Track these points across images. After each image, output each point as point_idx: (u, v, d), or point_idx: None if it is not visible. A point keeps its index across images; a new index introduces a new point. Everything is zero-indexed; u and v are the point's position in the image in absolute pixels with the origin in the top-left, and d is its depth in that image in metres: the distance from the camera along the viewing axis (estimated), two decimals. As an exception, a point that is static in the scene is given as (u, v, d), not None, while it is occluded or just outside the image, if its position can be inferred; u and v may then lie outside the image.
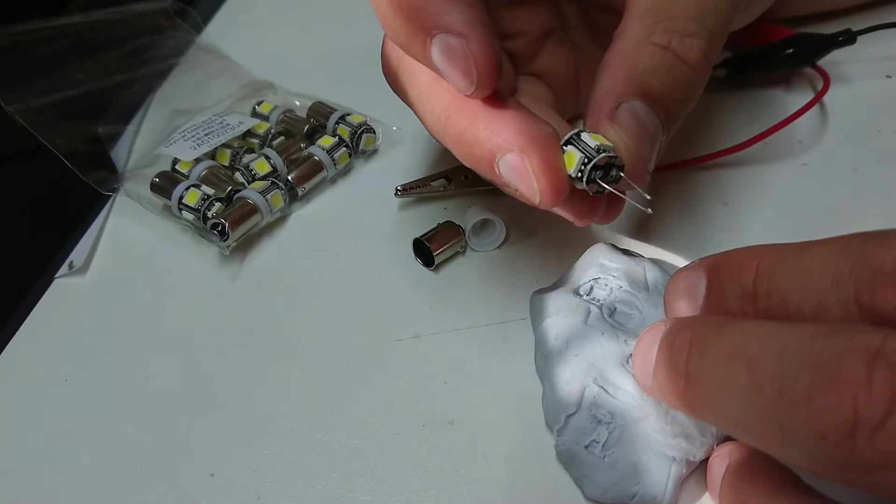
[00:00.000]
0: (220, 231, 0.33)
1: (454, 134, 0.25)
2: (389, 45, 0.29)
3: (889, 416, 0.15)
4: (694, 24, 0.24)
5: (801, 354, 0.16)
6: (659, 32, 0.24)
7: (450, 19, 0.22)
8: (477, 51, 0.22)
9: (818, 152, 0.35)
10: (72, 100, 0.40)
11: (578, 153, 0.23)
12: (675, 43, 0.24)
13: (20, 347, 0.32)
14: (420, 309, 0.31)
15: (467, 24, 0.22)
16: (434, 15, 0.22)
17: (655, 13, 0.24)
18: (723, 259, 0.21)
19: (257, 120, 0.39)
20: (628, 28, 0.25)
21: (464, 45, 0.22)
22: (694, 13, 0.24)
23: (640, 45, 0.24)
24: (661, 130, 0.24)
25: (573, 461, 0.24)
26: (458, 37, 0.22)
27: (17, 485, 0.27)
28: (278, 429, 0.28)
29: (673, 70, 0.24)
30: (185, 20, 0.46)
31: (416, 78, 0.27)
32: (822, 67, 0.36)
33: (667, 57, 0.24)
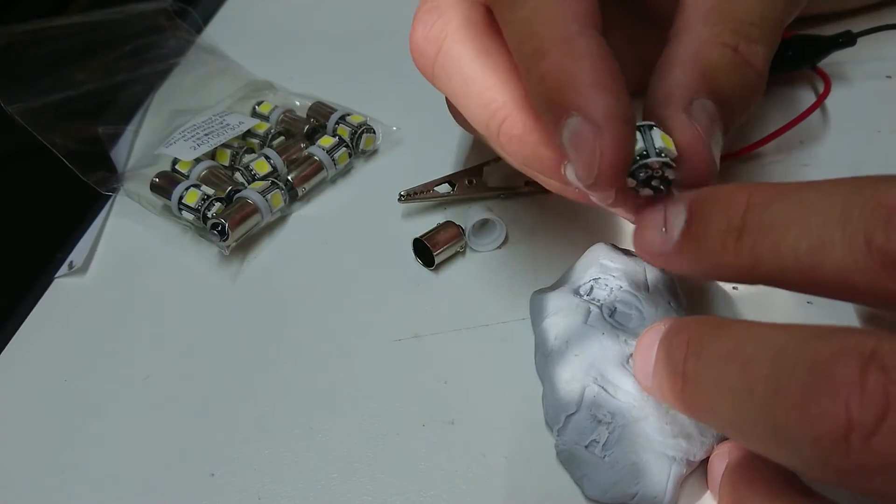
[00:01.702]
0: (220, 231, 0.33)
1: (516, 132, 0.24)
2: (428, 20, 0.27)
3: (884, 419, 0.14)
4: (757, 30, 0.24)
5: (796, 356, 0.16)
6: (727, 33, 0.24)
7: (592, 105, 0.21)
8: (608, 147, 0.21)
9: (819, 152, 0.35)
10: (72, 100, 0.40)
11: (640, 143, 0.22)
12: (743, 46, 0.24)
13: (20, 347, 0.32)
14: (420, 309, 0.31)
15: (606, 114, 0.21)
16: (578, 95, 0.21)
17: (720, 14, 0.24)
18: (710, 192, 0.20)
19: (257, 120, 0.39)
20: (692, 26, 0.24)
21: (595, 138, 0.21)
22: (757, 19, 0.24)
23: (709, 43, 0.24)
24: (723, 132, 0.24)
25: (573, 461, 0.24)
26: (593, 126, 0.21)
27: (17, 485, 0.27)
28: (278, 429, 0.28)
29: (742, 72, 0.24)
30: (185, 20, 0.46)
31: (463, 69, 0.25)
32: (823, 69, 0.36)
33: (736, 58, 0.24)
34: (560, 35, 0.22)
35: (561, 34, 0.22)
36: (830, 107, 0.36)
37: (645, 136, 0.22)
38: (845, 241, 0.17)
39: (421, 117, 0.39)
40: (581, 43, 0.22)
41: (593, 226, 0.33)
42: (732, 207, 0.19)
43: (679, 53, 0.24)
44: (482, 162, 0.35)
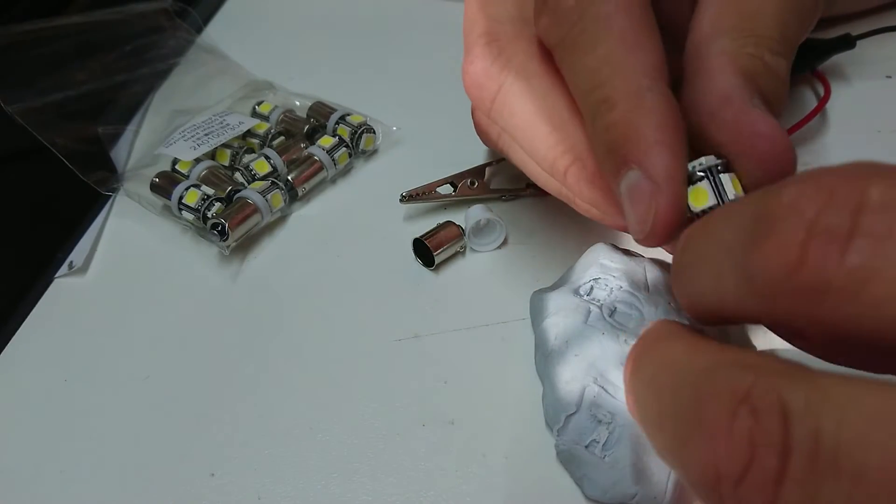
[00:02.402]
0: (220, 231, 0.33)
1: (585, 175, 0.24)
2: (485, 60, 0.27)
3: (748, 469, 0.13)
4: (778, 45, 0.24)
5: (688, 393, 0.15)
6: (752, 46, 0.23)
7: (653, 161, 0.21)
8: (664, 206, 0.21)
9: (819, 153, 0.35)
10: (72, 100, 0.40)
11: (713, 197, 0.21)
12: (768, 57, 0.23)
13: (20, 347, 0.32)
14: (420, 309, 0.31)
15: (667, 174, 0.21)
16: (641, 150, 0.21)
17: (741, 31, 0.24)
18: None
19: (257, 120, 0.39)
20: (716, 39, 0.24)
21: (653, 194, 0.21)
22: (776, 35, 0.24)
23: (738, 54, 0.23)
24: None
25: (573, 461, 0.24)
26: (652, 184, 0.21)
27: (17, 485, 0.27)
28: (278, 429, 0.28)
29: (773, 78, 0.23)
30: (185, 20, 0.46)
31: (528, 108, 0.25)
32: (823, 73, 0.36)
33: (767, 67, 0.23)
34: (631, 88, 0.22)
35: (631, 87, 0.22)
36: (830, 107, 0.36)
37: (714, 186, 0.21)
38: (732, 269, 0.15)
39: (421, 117, 0.39)
40: (650, 98, 0.22)
41: (593, 226, 0.32)
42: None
43: (713, 63, 0.23)
44: (484, 163, 0.35)
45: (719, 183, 0.21)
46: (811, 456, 0.13)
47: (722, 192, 0.21)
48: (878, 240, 0.12)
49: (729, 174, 0.22)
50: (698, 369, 0.15)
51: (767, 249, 0.14)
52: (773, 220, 0.14)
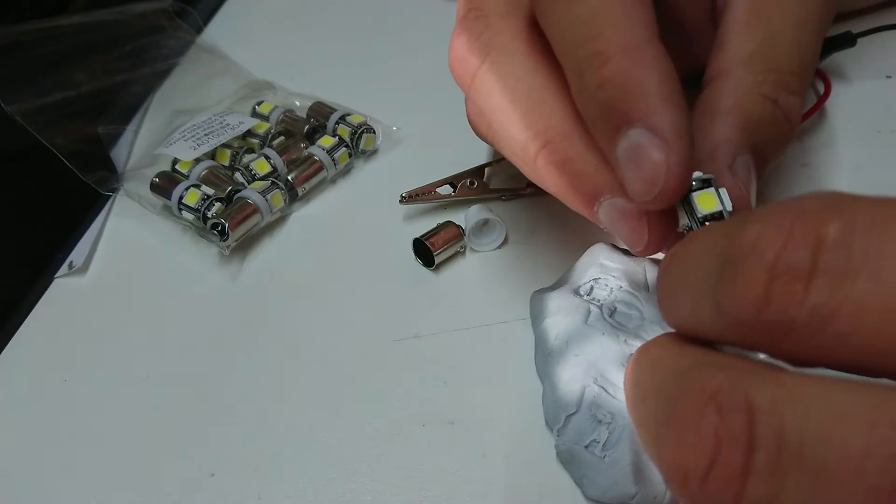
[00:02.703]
0: (220, 231, 0.33)
1: (553, 160, 0.23)
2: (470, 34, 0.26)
3: (713, 465, 0.13)
4: (797, 80, 0.24)
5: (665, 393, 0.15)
6: (769, 84, 0.23)
7: (661, 119, 0.20)
8: (675, 164, 0.20)
9: (819, 153, 0.34)
10: (72, 100, 0.40)
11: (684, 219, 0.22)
12: (783, 99, 0.23)
13: (20, 347, 0.32)
14: (420, 309, 0.31)
15: (676, 130, 0.20)
16: (647, 107, 0.20)
17: (763, 62, 0.24)
18: None
19: (257, 120, 0.39)
20: (734, 71, 0.24)
21: (664, 154, 0.20)
22: (797, 68, 0.24)
23: (750, 94, 0.23)
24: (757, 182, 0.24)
25: (573, 461, 0.24)
26: (661, 142, 0.20)
27: (17, 485, 0.27)
28: (278, 429, 0.28)
29: (779, 126, 0.24)
30: (185, 20, 0.46)
31: (508, 86, 0.24)
32: (823, 71, 0.36)
33: (776, 113, 0.23)
34: (626, 40, 0.21)
35: (628, 40, 0.21)
36: (830, 107, 0.36)
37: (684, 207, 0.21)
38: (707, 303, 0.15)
39: (421, 117, 0.39)
40: (650, 52, 0.21)
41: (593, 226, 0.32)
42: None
43: (721, 103, 0.23)
44: (484, 163, 0.35)
45: (722, 194, 0.21)
46: (775, 452, 0.13)
47: (724, 202, 0.21)
48: (836, 277, 0.13)
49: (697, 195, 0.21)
50: (677, 370, 0.16)
51: (735, 289, 0.14)
52: (738, 259, 0.14)
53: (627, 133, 0.20)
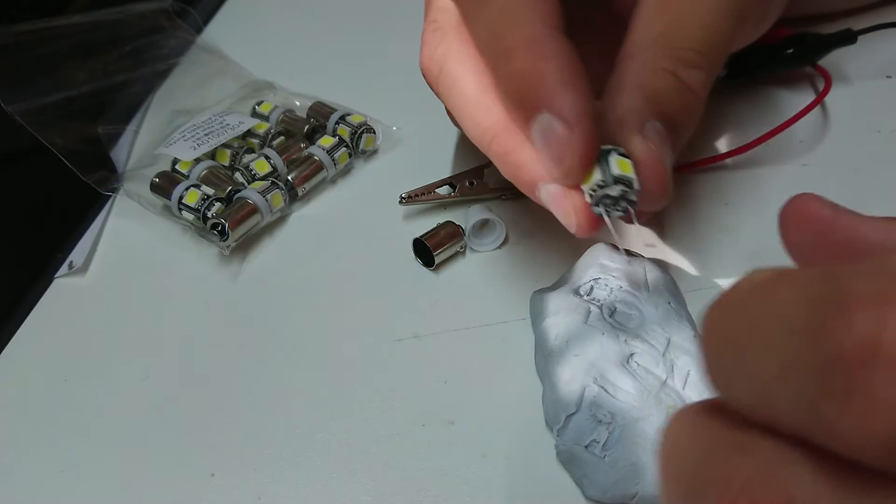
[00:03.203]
0: (220, 231, 0.33)
1: (499, 152, 0.26)
2: (431, 42, 0.29)
3: None
4: (698, 56, 0.25)
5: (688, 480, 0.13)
6: (667, 60, 0.25)
7: (561, 103, 0.22)
8: (578, 142, 0.22)
9: (819, 153, 0.35)
10: (72, 100, 0.40)
11: (598, 175, 0.23)
12: (682, 71, 0.25)
13: (20, 347, 0.32)
14: (420, 309, 0.31)
15: (576, 111, 0.22)
16: (548, 94, 0.23)
17: (664, 42, 0.25)
18: None
19: (257, 120, 0.39)
20: (638, 53, 0.26)
21: (567, 134, 0.22)
22: (699, 47, 0.26)
23: (651, 70, 0.25)
24: (672, 150, 0.25)
25: (573, 461, 0.24)
26: (564, 123, 0.22)
27: (17, 485, 0.27)
28: (278, 429, 0.28)
29: (682, 95, 0.25)
30: (185, 20, 0.46)
31: (461, 89, 0.27)
32: (823, 67, 0.36)
33: (677, 83, 0.25)
34: (528, 36, 0.23)
35: (528, 35, 0.23)
36: (830, 106, 0.36)
37: (602, 166, 0.23)
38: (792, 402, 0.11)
39: (421, 117, 0.39)
40: (548, 44, 0.23)
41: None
42: None
43: (625, 80, 0.25)
44: (483, 163, 0.35)
45: (606, 164, 0.23)
46: None
47: (607, 173, 0.23)
48: None
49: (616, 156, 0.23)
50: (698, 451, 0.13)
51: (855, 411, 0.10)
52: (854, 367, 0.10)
53: (538, 118, 0.23)
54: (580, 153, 0.22)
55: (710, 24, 0.26)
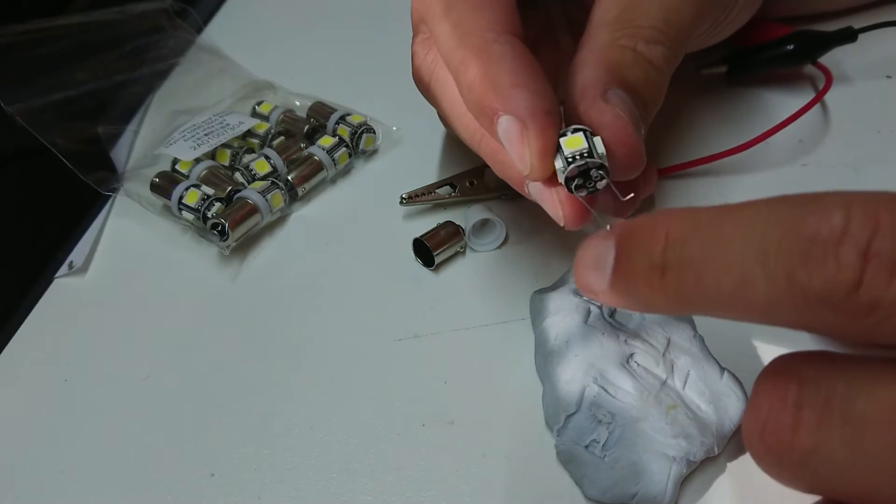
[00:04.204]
0: (220, 231, 0.33)
1: (488, 151, 0.27)
2: (420, 52, 0.30)
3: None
4: (658, 33, 0.26)
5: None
6: (626, 38, 0.26)
7: (514, 104, 0.23)
8: (534, 138, 0.23)
9: (819, 152, 0.34)
10: (72, 100, 0.40)
11: (559, 161, 0.24)
12: (641, 46, 0.26)
13: (20, 347, 0.32)
14: (420, 309, 0.31)
15: (529, 110, 0.23)
16: (500, 97, 0.23)
17: (621, 22, 0.26)
18: (631, 226, 0.19)
19: (257, 120, 0.39)
20: (597, 35, 0.26)
21: (521, 132, 0.23)
22: (657, 24, 0.26)
23: (610, 46, 0.26)
24: (641, 121, 0.25)
25: (573, 461, 0.24)
26: (518, 122, 0.23)
27: (17, 485, 0.27)
28: (278, 429, 0.28)
29: (643, 67, 0.26)
30: (185, 20, 0.46)
31: (450, 92, 0.28)
32: (823, 64, 0.36)
33: (637, 56, 0.26)
34: (477, 44, 0.24)
35: (478, 43, 0.24)
36: (830, 106, 0.36)
37: (592, 140, 0.23)
38: (767, 278, 0.16)
39: (421, 117, 0.39)
40: (497, 49, 0.24)
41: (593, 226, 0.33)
42: (653, 243, 0.18)
43: (584, 56, 0.26)
44: (483, 163, 0.35)
45: (596, 141, 0.23)
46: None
47: (595, 145, 0.23)
48: None
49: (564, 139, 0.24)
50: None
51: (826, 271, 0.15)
52: (829, 243, 0.15)
53: (499, 121, 0.24)
54: (537, 148, 0.23)
55: (668, 8, 0.27)
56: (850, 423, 0.15)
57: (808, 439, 0.15)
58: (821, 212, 0.16)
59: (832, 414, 0.15)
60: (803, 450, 0.16)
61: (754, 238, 0.16)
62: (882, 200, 0.15)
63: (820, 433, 0.15)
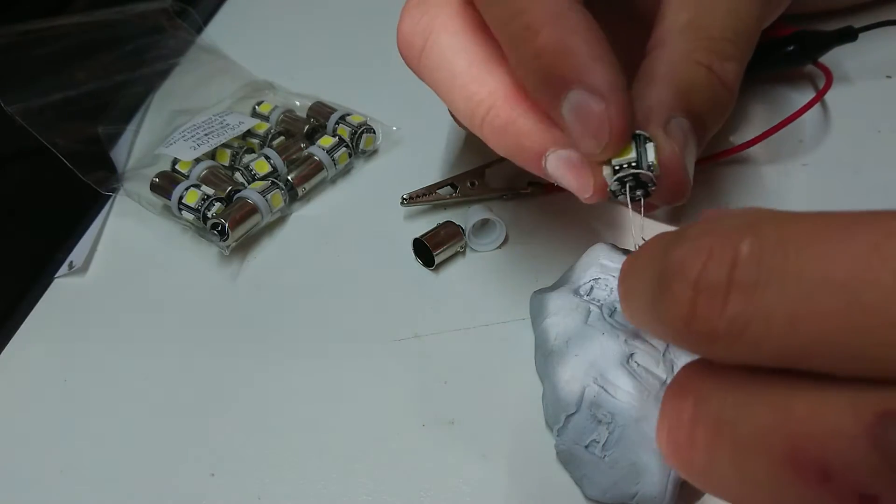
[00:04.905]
0: (220, 231, 0.33)
1: (498, 123, 0.25)
2: (416, 15, 0.27)
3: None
4: (731, 46, 0.25)
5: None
6: (701, 51, 0.25)
7: (594, 77, 0.21)
8: (616, 115, 0.21)
9: (819, 153, 0.34)
10: (72, 100, 0.40)
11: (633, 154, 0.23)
12: (717, 65, 0.25)
13: (20, 347, 0.32)
14: (420, 309, 0.31)
15: (612, 85, 0.21)
16: (579, 69, 0.22)
17: (695, 30, 0.25)
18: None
19: (257, 120, 0.39)
20: (669, 41, 0.25)
21: (604, 109, 0.21)
22: (731, 35, 0.25)
23: (684, 60, 0.25)
24: (697, 146, 0.25)
25: (573, 461, 0.24)
26: (599, 98, 0.21)
27: (17, 485, 0.27)
28: (278, 429, 0.28)
29: (714, 90, 0.25)
30: (185, 20, 0.46)
31: (450, 62, 0.26)
32: (824, 64, 0.36)
33: (710, 77, 0.25)
34: (551, 11, 0.22)
35: (552, 10, 0.22)
36: (830, 106, 0.36)
37: (639, 147, 0.23)
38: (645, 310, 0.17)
39: (421, 117, 0.39)
40: (574, 17, 0.22)
41: (593, 226, 0.33)
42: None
43: (656, 70, 0.25)
44: (484, 163, 0.35)
45: (643, 147, 0.22)
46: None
47: (643, 155, 0.22)
48: (747, 290, 0.14)
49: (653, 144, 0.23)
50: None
51: (666, 303, 0.16)
52: (669, 277, 0.15)
53: (568, 95, 0.22)
54: (618, 127, 0.22)
55: (737, 10, 0.25)
56: (735, 446, 0.15)
57: (701, 458, 0.16)
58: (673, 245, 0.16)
59: (722, 435, 0.15)
60: (700, 467, 0.16)
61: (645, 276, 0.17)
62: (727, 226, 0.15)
63: (712, 452, 0.15)
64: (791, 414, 0.14)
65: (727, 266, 0.14)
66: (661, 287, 0.16)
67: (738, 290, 0.14)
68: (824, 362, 0.14)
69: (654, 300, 0.16)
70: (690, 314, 0.15)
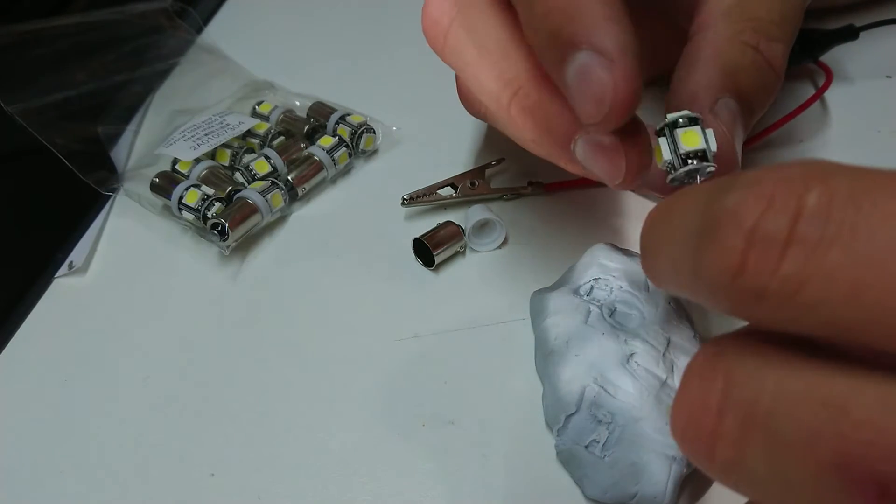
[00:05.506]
0: (220, 231, 0.33)
1: (528, 103, 0.24)
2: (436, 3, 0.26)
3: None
4: (777, 28, 0.24)
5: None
6: (748, 32, 0.24)
7: (603, 37, 0.20)
8: (621, 80, 0.20)
9: (818, 152, 0.34)
10: (72, 100, 0.40)
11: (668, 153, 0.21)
12: (764, 45, 0.24)
13: (20, 347, 0.32)
14: (420, 309, 0.31)
15: (620, 47, 0.20)
16: (588, 27, 0.20)
17: (741, 12, 0.24)
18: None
19: (257, 120, 0.39)
20: (714, 23, 0.24)
21: (607, 71, 0.20)
22: (777, 17, 0.24)
23: (730, 41, 0.24)
24: (744, 129, 0.24)
25: (573, 461, 0.24)
26: (604, 60, 0.20)
27: (17, 485, 0.27)
28: (278, 429, 0.28)
29: (761, 71, 0.24)
30: (185, 20, 0.46)
31: (480, 39, 0.25)
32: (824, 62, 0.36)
33: (757, 58, 0.24)
34: None
35: None
36: (830, 106, 0.36)
37: (707, 135, 0.21)
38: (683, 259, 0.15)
39: (421, 117, 0.39)
40: None
41: (593, 226, 0.33)
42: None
43: (701, 52, 0.24)
44: (484, 163, 0.35)
45: (708, 134, 0.21)
46: None
47: (709, 142, 0.21)
48: (810, 247, 0.12)
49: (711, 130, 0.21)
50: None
51: (711, 254, 0.14)
52: (717, 225, 0.14)
53: (574, 57, 0.20)
54: (623, 92, 0.20)
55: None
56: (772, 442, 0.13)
57: (727, 451, 0.14)
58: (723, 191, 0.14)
59: (756, 428, 0.13)
60: (724, 460, 0.14)
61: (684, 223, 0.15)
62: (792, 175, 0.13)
63: (742, 446, 0.14)
64: (848, 414, 0.12)
65: (789, 217, 0.13)
66: (706, 234, 0.14)
67: (798, 244, 0.13)
68: (884, 341, 0.12)
69: (694, 250, 0.14)
70: (739, 267, 0.13)
